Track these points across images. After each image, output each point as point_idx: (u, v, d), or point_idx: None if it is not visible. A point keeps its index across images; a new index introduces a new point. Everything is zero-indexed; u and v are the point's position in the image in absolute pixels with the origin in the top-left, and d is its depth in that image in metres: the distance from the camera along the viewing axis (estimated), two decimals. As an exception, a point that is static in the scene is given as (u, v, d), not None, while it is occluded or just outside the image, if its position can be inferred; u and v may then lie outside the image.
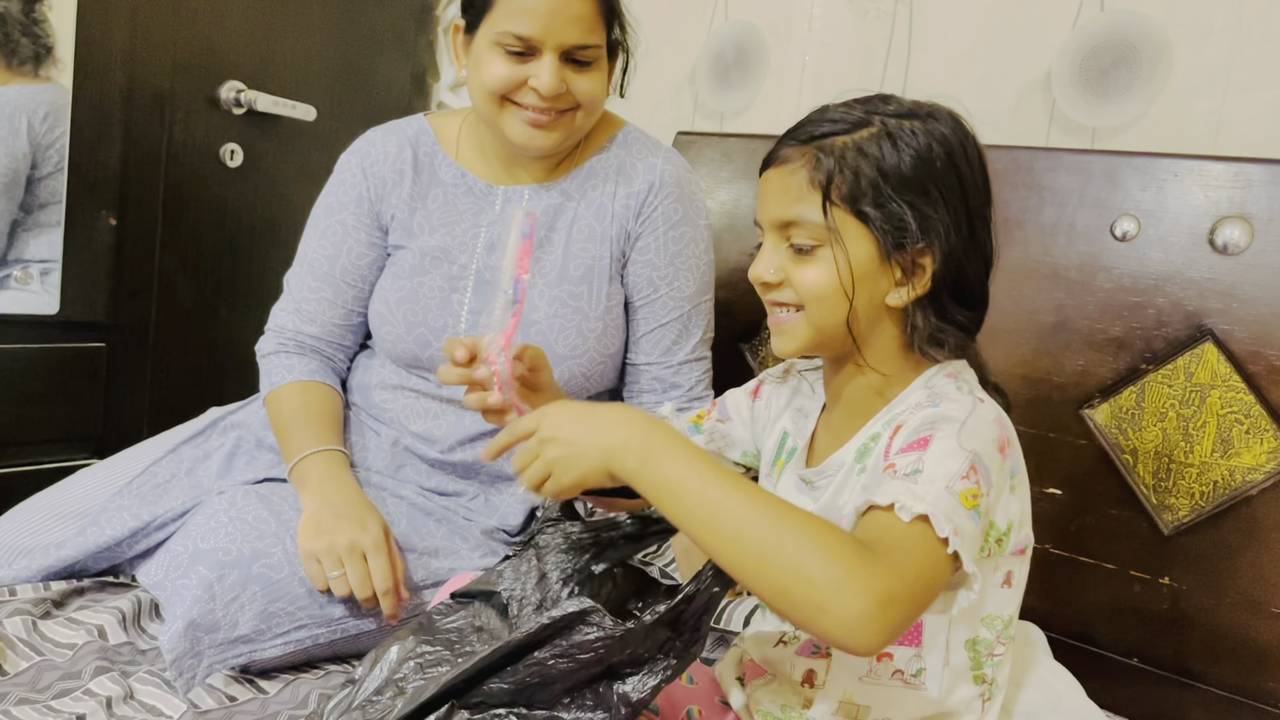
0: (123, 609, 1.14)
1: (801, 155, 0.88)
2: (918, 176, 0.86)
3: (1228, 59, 1.36)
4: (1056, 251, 1.35)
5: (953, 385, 0.88)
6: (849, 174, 0.86)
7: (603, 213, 1.33)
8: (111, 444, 1.49)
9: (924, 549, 0.74)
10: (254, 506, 1.15)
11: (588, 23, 1.22)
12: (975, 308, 0.92)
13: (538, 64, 1.21)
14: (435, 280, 1.32)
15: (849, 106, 0.90)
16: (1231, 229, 1.21)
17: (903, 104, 0.90)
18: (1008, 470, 0.85)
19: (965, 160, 0.88)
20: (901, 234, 0.85)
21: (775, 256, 0.90)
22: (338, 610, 1.12)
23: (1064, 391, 1.34)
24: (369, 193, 1.35)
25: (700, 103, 1.96)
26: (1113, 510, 1.30)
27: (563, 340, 1.30)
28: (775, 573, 0.71)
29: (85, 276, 1.71)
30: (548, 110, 1.23)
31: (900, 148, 0.86)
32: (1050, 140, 1.52)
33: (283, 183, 2.00)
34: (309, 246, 1.38)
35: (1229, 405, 1.21)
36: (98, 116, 1.69)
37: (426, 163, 1.36)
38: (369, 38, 2.12)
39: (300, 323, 1.36)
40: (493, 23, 1.21)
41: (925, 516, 0.73)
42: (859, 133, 0.87)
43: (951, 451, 0.79)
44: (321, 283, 1.36)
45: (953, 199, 0.87)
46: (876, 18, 1.70)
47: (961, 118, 0.91)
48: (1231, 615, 1.22)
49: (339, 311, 1.37)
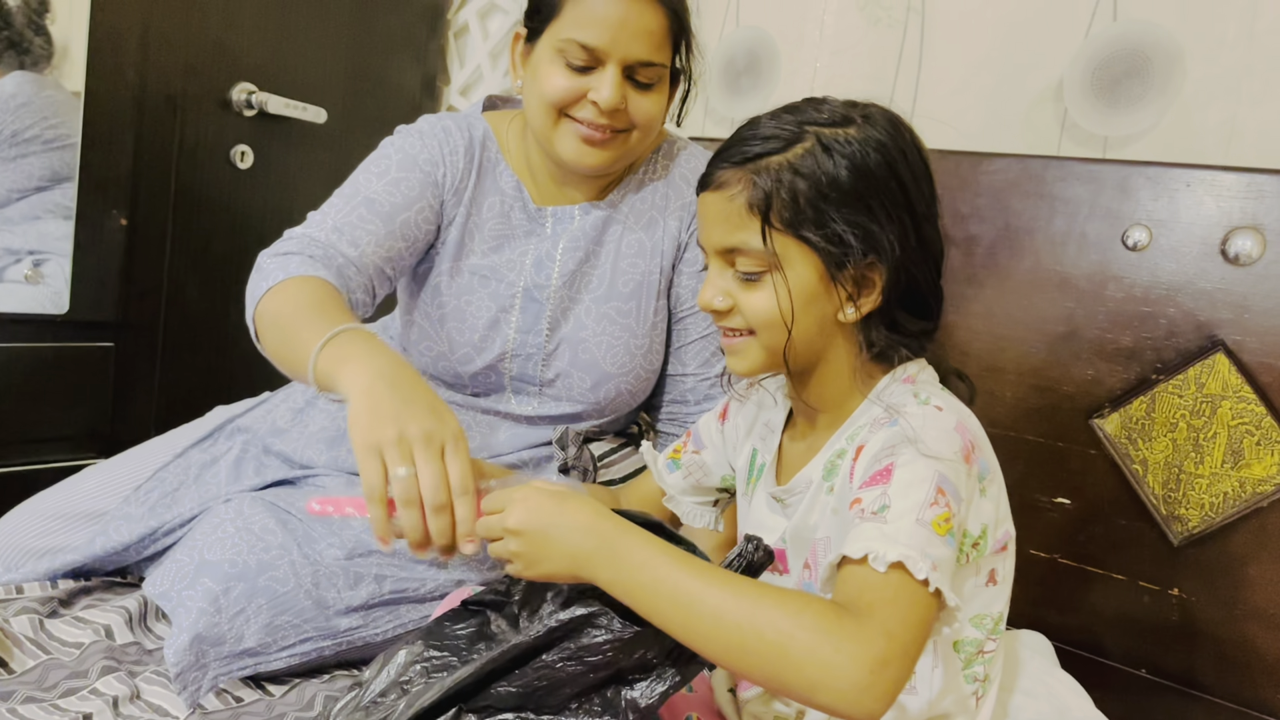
0: (129, 609, 1.14)
1: (738, 179, 0.87)
2: (856, 190, 0.84)
3: (1240, 70, 1.36)
4: (1067, 261, 1.34)
5: (909, 394, 0.87)
6: (786, 196, 0.85)
7: (653, 226, 1.31)
8: (119, 444, 1.49)
9: (906, 596, 0.72)
10: (261, 516, 1.14)
11: (656, 39, 1.17)
12: (928, 315, 0.91)
13: (599, 76, 1.17)
14: (483, 299, 1.28)
15: (780, 120, 0.88)
16: (1244, 239, 1.21)
17: (835, 110, 0.88)
18: (975, 476, 0.84)
19: (904, 164, 0.87)
20: (846, 252, 0.84)
21: (722, 281, 0.90)
22: (344, 622, 1.11)
23: (1074, 401, 1.33)
24: (444, 179, 1.27)
25: (711, 109, 1.96)
26: (1122, 520, 1.30)
27: (610, 358, 1.28)
28: (762, 660, 0.71)
29: (95, 276, 1.72)
30: (603, 127, 1.19)
31: (836, 161, 0.84)
32: (1061, 149, 1.52)
33: (293, 185, 2.00)
34: (369, 184, 1.22)
35: (1240, 416, 1.20)
36: (109, 117, 1.69)
37: (490, 169, 1.30)
38: (380, 41, 2.13)
39: (337, 239, 1.17)
40: (557, 30, 1.17)
41: (900, 563, 0.72)
42: (793, 150, 0.86)
43: (916, 479, 0.77)
44: (377, 218, 1.20)
45: (895, 208, 0.86)
46: (888, 25, 1.70)
47: (898, 118, 0.90)
48: (1241, 627, 1.21)
49: (382, 252, 1.20)
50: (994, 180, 1.41)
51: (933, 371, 0.92)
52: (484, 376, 1.30)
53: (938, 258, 0.90)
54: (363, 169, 1.26)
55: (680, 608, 0.74)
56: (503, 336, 1.28)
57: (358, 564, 1.15)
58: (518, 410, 1.31)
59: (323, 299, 1.05)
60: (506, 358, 1.29)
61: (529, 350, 1.28)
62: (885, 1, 1.70)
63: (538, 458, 1.31)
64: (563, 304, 1.29)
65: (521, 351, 1.28)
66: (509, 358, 1.29)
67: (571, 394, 1.29)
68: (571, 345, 1.28)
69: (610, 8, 1.14)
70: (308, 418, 1.33)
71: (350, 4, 2.05)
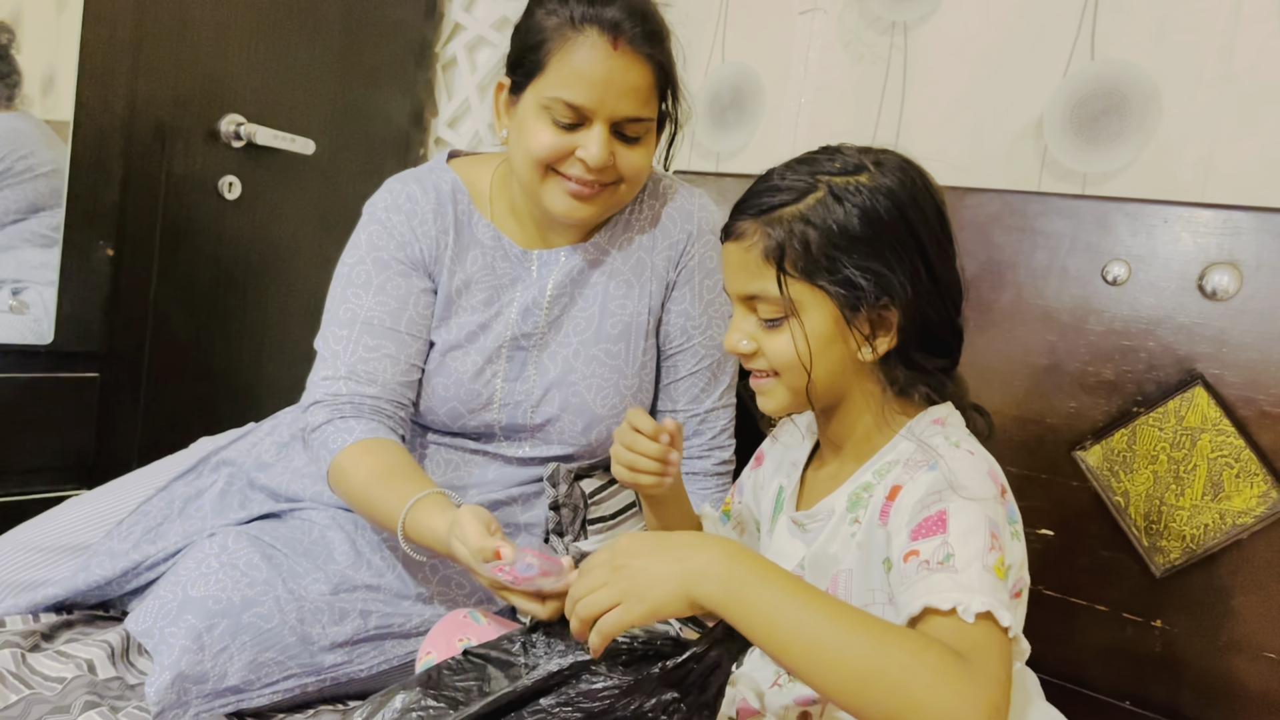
0: (111, 643, 1.14)
1: (754, 230, 0.90)
2: (867, 236, 0.87)
3: (1216, 108, 1.38)
4: (1049, 294, 1.36)
5: (941, 436, 0.89)
6: (799, 246, 0.88)
7: (641, 267, 1.30)
8: (103, 475, 1.48)
9: (998, 645, 0.74)
10: (246, 551, 1.14)
11: (643, 95, 1.16)
12: (946, 353, 0.94)
13: (586, 134, 1.16)
14: (470, 356, 1.27)
15: (794, 170, 0.91)
16: (1220, 275, 1.23)
17: (848, 159, 0.91)
18: (1008, 517, 0.86)
19: (916, 209, 0.89)
20: (859, 296, 0.87)
21: (746, 326, 0.94)
22: (329, 658, 1.10)
23: (1056, 433, 1.34)
24: (422, 253, 1.27)
25: (697, 142, 1.98)
26: (1105, 552, 1.31)
27: (601, 400, 1.28)
28: (881, 695, 0.70)
29: (80, 306, 1.72)
30: (592, 183, 1.18)
31: (847, 209, 0.87)
32: (1042, 185, 1.54)
33: (281, 216, 2.01)
34: (360, 304, 1.25)
35: (1219, 449, 1.22)
36: (97, 148, 1.70)
37: (465, 221, 1.29)
38: (369, 73, 2.14)
39: (357, 385, 1.22)
40: (542, 87, 1.15)
41: (989, 613, 0.74)
42: (805, 200, 0.89)
43: (972, 526, 0.80)
44: (382, 339, 1.24)
45: (907, 252, 0.88)
46: (871, 62, 1.73)
47: (911, 161, 0.93)
48: (1224, 659, 1.22)
49: (401, 367, 1.24)
50: (976, 214, 1.43)
51: (960, 417, 0.95)
52: (474, 428, 1.29)
53: (955, 297, 0.93)
54: (347, 282, 1.26)
55: (800, 634, 0.73)
56: (490, 388, 1.28)
57: (343, 599, 1.15)
58: (509, 453, 1.30)
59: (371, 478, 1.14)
60: (495, 408, 1.28)
61: (517, 399, 1.28)
62: (868, 39, 1.73)
63: (527, 494, 1.30)
64: (550, 349, 1.28)
65: (510, 400, 1.28)
66: (497, 408, 1.28)
67: (563, 437, 1.29)
68: (561, 390, 1.27)
69: (597, 66, 1.13)
70: (293, 452, 1.33)
71: (339, 36, 2.07)
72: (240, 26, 1.88)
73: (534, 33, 1.17)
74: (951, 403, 0.96)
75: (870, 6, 1.72)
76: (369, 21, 2.12)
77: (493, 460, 1.30)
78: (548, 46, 1.15)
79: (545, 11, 1.17)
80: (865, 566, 0.89)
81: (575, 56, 1.13)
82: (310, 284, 1.99)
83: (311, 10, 2.00)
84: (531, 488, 1.30)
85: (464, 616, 1.08)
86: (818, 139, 0.96)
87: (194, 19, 1.80)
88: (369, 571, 1.20)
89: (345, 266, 1.28)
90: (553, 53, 1.15)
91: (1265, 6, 1.34)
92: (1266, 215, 1.21)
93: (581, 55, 1.13)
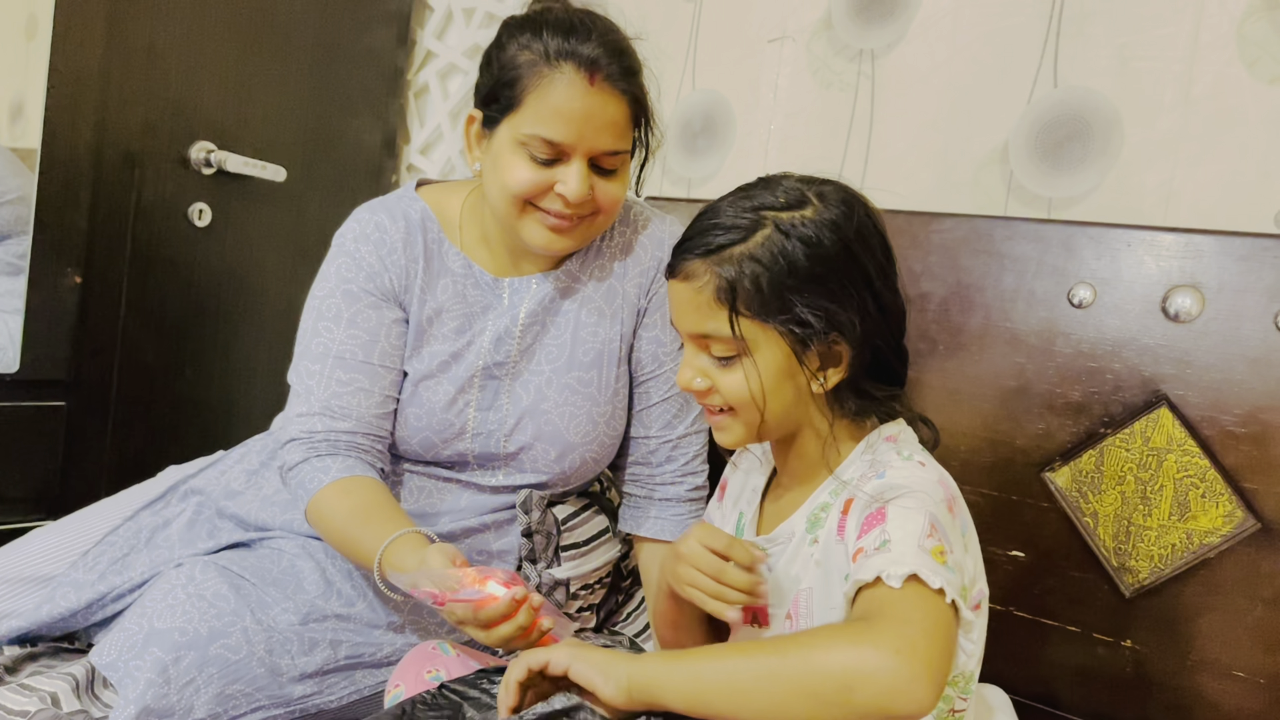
0: (76, 676, 1.11)
1: (704, 270, 0.91)
2: (815, 273, 0.88)
3: (1177, 134, 1.41)
4: (1016, 317, 1.38)
5: (894, 451, 0.91)
6: (750, 286, 0.89)
7: (612, 294, 1.30)
8: (68, 505, 1.46)
9: (922, 600, 0.75)
10: (213, 581, 1.12)
11: (620, 129, 1.17)
12: (894, 378, 0.96)
13: (565, 169, 1.15)
14: (443, 385, 1.26)
15: (738, 206, 0.92)
16: (1183, 298, 1.25)
17: (791, 192, 0.92)
18: (959, 528, 0.88)
19: (860, 241, 0.90)
20: (810, 333, 0.89)
21: (698, 362, 0.94)
22: (298, 689, 1.09)
23: (1026, 455, 1.36)
24: (392, 283, 1.26)
25: (668, 168, 1.99)
26: (1075, 572, 1.32)
27: (574, 428, 1.27)
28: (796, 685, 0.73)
29: (47, 334, 1.70)
30: (570, 216, 1.18)
31: (794, 246, 0.88)
32: (1009, 209, 1.56)
33: (252, 243, 2.00)
34: (332, 338, 1.24)
35: (1185, 469, 1.23)
36: (65, 175, 1.68)
37: (435, 249, 1.28)
38: (341, 100, 2.15)
39: (331, 421, 1.21)
40: (519, 123, 1.14)
41: (914, 575, 0.75)
42: (754, 238, 0.89)
43: (910, 515, 0.81)
44: (355, 373, 1.23)
45: (855, 286, 0.90)
46: (840, 89, 1.75)
47: (852, 191, 0.94)
48: (1194, 678, 1.23)
49: (375, 400, 1.24)
50: (944, 239, 1.44)
51: (912, 432, 0.97)
52: (448, 457, 1.29)
53: (901, 321, 0.95)
54: (318, 316, 1.26)
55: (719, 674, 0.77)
56: (463, 418, 1.27)
57: (312, 629, 1.14)
58: (482, 481, 1.30)
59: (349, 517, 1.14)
60: (468, 437, 1.27)
61: (490, 428, 1.27)
62: (837, 66, 1.75)
63: (500, 521, 1.30)
64: (523, 377, 1.28)
65: (483, 430, 1.27)
66: (470, 437, 1.27)
67: (537, 465, 1.28)
68: (535, 418, 1.27)
69: (574, 103, 1.12)
70: (262, 479, 1.31)
71: (310, 63, 2.07)
72: (211, 53, 1.88)
73: (508, 68, 1.16)
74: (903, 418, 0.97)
75: (838, 35, 1.75)
76: (341, 48, 2.12)
77: (466, 488, 1.30)
78: (523, 83, 1.14)
79: (518, 46, 1.16)
80: (825, 584, 0.90)
81: (553, 93, 1.13)
82: (281, 312, 1.98)
83: (283, 37, 2.00)
84: (504, 515, 1.30)
85: (432, 648, 1.07)
86: (788, 165, 0.98)
87: (164, 46, 1.80)
88: (339, 601, 1.18)
89: (315, 299, 1.28)
90: (529, 89, 1.14)
91: (1223, 35, 1.37)
92: (1227, 239, 1.24)
93: (559, 92, 1.12)
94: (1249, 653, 1.19)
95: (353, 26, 2.14)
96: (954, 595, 0.76)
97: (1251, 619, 1.19)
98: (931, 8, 1.64)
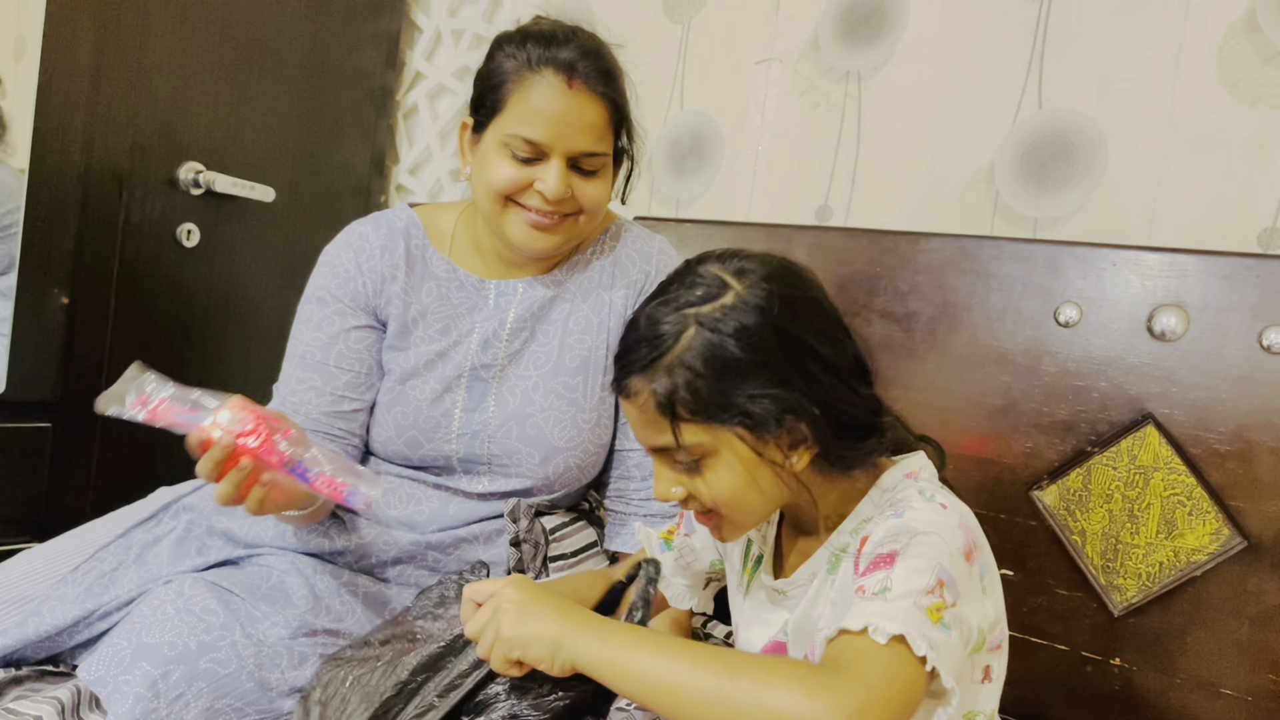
0: (62, 699, 1.10)
1: (642, 386, 0.87)
2: (752, 362, 0.84)
3: (1160, 154, 1.42)
4: (1003, 336, 1.39)
5: (914, 490, 0.88)
6: (687, 394, 0.85)
7: (600, 304, 1.33)
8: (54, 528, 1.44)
9: (898, 669, 0.74)
10: (202, 596, 1.12)
11: (598, 131, 1.22)
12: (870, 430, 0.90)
13: (544, 167, 1.21)
14: (429, 384, 1.29)
15: (661, 312, 0.88)
16: (1168, 317, 1.26)
17: (709, 282, 0.87)
18: (976, 574, 0.85)
19: (790, 315, 0.85)
20: (763, 422, 0.85)
21: (670, 474, 0.91)
22: (287, 704, 1.09)
23: (1014, 473, 1.36)
24: (365, 288, 1.31)
25: (656, 188, 2.00)
26: (1063, 591, 1.32)
27: (559, 433, 1.29)
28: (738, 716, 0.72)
29: (34, 355, 1.69)
30: (551, 214, 1.23)
31: (722, 340, 0.84)
32: (995, 229, 1.58)
33: (240, 263, 2.00)
34: (299, 340, 1.31)
35: (1171, 487, 1.24)
36: (54, 196, 1.68)
37: (418, 255, 1.33)
38: (330, 120, 2.15)
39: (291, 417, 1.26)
40: (502, 125, 1.21)
41: (901, 636, 0.73)
42: (680, 343, 0.85)
43: (919, 568, 0.79)
44: (311, 372, 1.29)
45: (796, 362, 0.85)
46: (827, 110, 1.76)
47: (775, 261, 0.89)
48: (1182, 696, 1.23)
49: (326, 399, 1.28)
50: (931, 259, 1.45)
51: (933, 468, 0.93)
52: (432, 459, 1.30)
53: (861, 373, 0.90)
54: (296, 321, 1.34)
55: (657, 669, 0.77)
56: (449, 418, 1.29)
57: (302, 644, 1.13)
58: (468, 488, 1.30)
59: None
60: (453, 438, 1.29)
61: (475, 429, 1.29)
62: (824, 88, 1.77)
63: (488, 531, 1.30)
64: (510, 381, 1.30)
65: (468, 430, 1.29)
66: (455, 438, 1.29)
67: (520, 469, 1.30)
68: (520, 422, 1.28)
69: (553, 104, 1.19)
70: (253, 497, 1.31)
71: (299, 83, 2.07)
72: (200, 74, 1.88)
73: (495, 75, 1.23)
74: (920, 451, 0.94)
75: (825, 56, 1.76)
76: (330, 69, 2.13)
77: (453, 495, 1.30)
78: (507, 87, 1.21)
79: (505, 55, 1.23)
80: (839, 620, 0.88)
81: (533, 95, 1.20)
82: (269, 332, 1.98)
83: (272, 58, 2.01)
84: (492, 524, 1.30)
85: None
86: (775, 185, 0.97)
87: (153, 66, 1.80)
88: (328, 616, 1.18)
89: (298, 308, 1.35)
90: (512, 93, 1.21)
91: (1204, 57, 1.39)
92: (1210, 258, 1.25)
93: (538, 94, 1.20)
94: (1236, 670, 1.19)
95: (342, 47, 2.15)
96: (938, 661, 0.74)
97: (1239, 636, 1.20)
98: (918, 30, 1.66)
